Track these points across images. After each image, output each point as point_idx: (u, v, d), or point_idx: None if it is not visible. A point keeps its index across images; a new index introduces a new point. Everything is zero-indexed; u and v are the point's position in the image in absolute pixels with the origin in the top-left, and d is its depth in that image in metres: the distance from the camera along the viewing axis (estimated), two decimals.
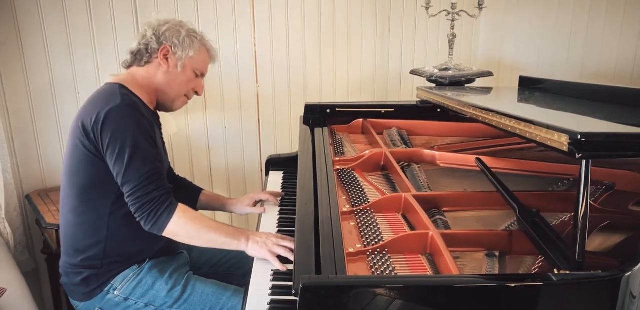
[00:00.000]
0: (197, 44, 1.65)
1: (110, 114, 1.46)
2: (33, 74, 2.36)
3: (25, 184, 2.42)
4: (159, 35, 1.61)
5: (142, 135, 1.48)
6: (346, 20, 2.86)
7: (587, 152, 1.01)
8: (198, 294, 1.60)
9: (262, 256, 1.49)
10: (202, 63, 1.70)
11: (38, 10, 2.31)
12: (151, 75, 1.64)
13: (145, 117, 1.52)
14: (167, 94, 1.67)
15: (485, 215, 1.49)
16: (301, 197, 1.56)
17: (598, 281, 0.99)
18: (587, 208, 1.03)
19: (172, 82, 1.65)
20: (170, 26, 1.63)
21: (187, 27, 1.65)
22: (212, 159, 2.84)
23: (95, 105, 1.51)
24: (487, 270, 1.21)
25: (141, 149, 1.47)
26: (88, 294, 1.60)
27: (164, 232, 1.48)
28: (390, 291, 0.98)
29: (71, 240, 1.61)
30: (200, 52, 1.67)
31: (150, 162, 1.48)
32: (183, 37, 1.62)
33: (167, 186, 1.51)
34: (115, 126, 1.46)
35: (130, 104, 1.50)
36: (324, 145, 1.94)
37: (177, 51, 1.62)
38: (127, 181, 1.46)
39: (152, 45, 1.62)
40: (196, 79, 1.71)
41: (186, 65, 1.65)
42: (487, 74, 2.62)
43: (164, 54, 1.62)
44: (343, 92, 2.95)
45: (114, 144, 1.45)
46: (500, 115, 1.38)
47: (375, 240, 1.31)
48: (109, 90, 1.56)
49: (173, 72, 1.64)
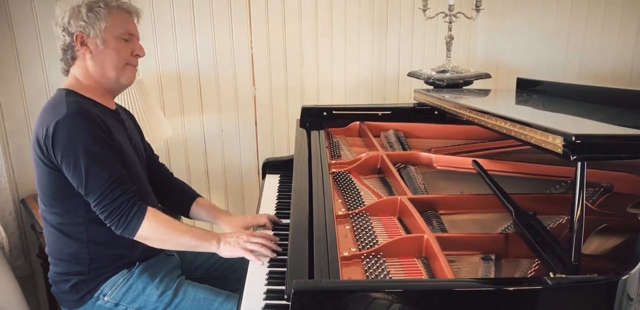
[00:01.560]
0: (103, 12, 1.54)
1: (58, 127, 1.43)
2: (28, 77, 2.35)
3: (20, 188, 2.41)
4: (67, 28, 1.54)
5: (94, 143, 1.44)
6: (343, 23, 2.85)
7: (581, 154, 0.99)
8: (189, 300, 1.58)
9: (236, 255, 1.50)
10: (121, 26, 1.58)
11: (32, 13, 2.31)
12: (84, 67, 1.57)
13: (96, 122, 1.47)
14: (107, 75, 1.58)
15: (481, 218, 1.48)
16: (296, 200, 1.55)
17: (594, 285, 0.98)
18: (583, 211, 1.01)
19: (103, 62, 1.56)
20: (69, 13, 1.53)
21: (86, 1, 1.54)
22: (208, 162, 2.82)
23: (45, 118, 1.48)
24: (483, 273, 1.19)
25: (96, 156, 1.44)
26: (78, 301, 1.58)
27: (136, 236, 1.47)
28: (384, 295, 0.97)
29: (54, 249, 1.60)
30: (112, 17, 1.55)
31: (108, 167, 1.46)
32: (84, 14, 1.52)
33: (133, 189, 1.49)
34: (64, 140, 1.43)
35: (77, 112, 1.46)
36: (320, 148, 1.93)
37: (89, 32, 1.53)
38: (90, 191, 1.45)
39: (67, 41, 1.55)
40: (127, 44, 1.60)
41: (106, 39, 1.55)
42: (485, 76, 2.61)
43: (80, 42, 1.54)
44: (340, 95, 2.94)
45: (67, 158, 1.43)
46: (495, 117, 1.37)
47: (370, 243, 1.30)
48: (56, 99, 1.53)
49: (99, 53, 1.55)
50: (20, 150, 2.39)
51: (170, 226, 1.50)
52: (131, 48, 1.61)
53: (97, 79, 1.59)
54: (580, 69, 2.86)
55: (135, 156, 1.67)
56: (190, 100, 2.71)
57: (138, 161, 1.68)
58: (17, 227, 2.34)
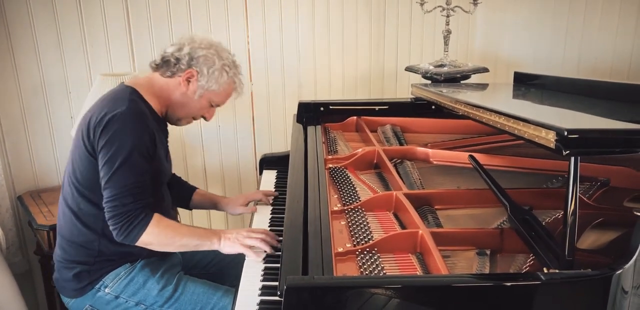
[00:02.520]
0: (225, 78, 1.62)
1: (113, 119, 1.47)
2: (24, 74, 2.34)
3: (17, 185, 2.40)
4: (192, 57, 1.59)
5: (137, 148, 1.47)
6: (340, 17, 2.83)
7: (574, 148, 0.99)
8: (189, 294, 1.60)
9: (236, 251, 1.52)
10: (222, 97, 1.68)
11: (28, 10, 2.29)
12: (169, 89, 1.63)
13: (148, 128, 1.52)
14: (176, 112, 1.67)
15: (478, 213, 1.47)
16: (291, 196, 1.55)
17: (588, 280, 0.97)
18: (577, 205, 1.01)
19: (185, 104, 1.65)
20: (208, 53, 1.60)
21: (225, 60, 1.62)
22: (206, 157, 2.82)
23: (104, 106, 1.52)
24: (478, 269, 1.19)
25: (132, 161, 1.46)
26: (79, 291, 1.59)
27: (137, 243, 1.49)
28: (377, 292, 0.97)
29: (67, 233, 1.61)
30: (225, 86, 1.65)
31: (136, 175, 1.47)
32: (214, 69, 1.60)
33: (146, 200, 1.50)
34: (114, 132, 1.46)
35: (136, 113, 1.50)
36: (317, 143, 1.92)
37: (201, 79, 1.60)
38: (108, 187, 1.47)
39: (181, 63, 1.60)
40: (210, 108, 1.70)
41: (204, 95, 1.63)
42: (483, 70, 2.60)
43: (187, 77, 1.60)
44: (338, 90, 2.93)
45: (108, 149, 1.46)
46: (490, 111, 1.36)
47: (365, 239, 1.30)
48: (120, 93, 1.56)
49: (189, 97, 1.63)
50: (16, 147, 2.38)
51: (171, 230, 1.52)
52: (209, 112, 1.71)
53: (168, 104, 1.65)
54: (579, 63, 2.85)
55: (168, 168, 1.71)
56: None
57: (167, 173, 1.72)
58: (14, 224, 2.35)
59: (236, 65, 1.67)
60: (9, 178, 2.37)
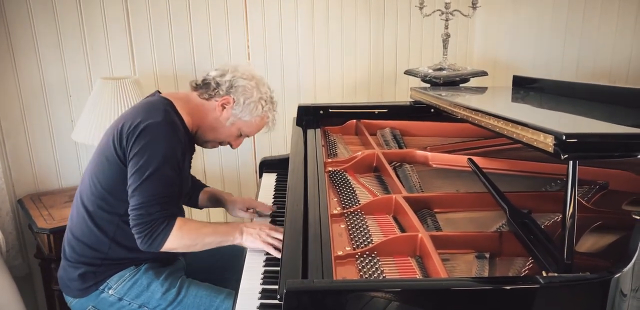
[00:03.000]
0: (259, 111, 1.65)
1: (148, 128, 1.48)
2: (24, 76, 2.35)
3: (18, 189, 2.40)
4: (232, 85, 1.63)
5: (168, 160, 1.49)
6: (340, 21, 2.85)
7: (572, 152, 0.99)
8: (192, 296, 1.61)
9: (257, 247, 1.54)
10: (252, 129, 1.71)
11: (28, 12, 2.30)
12: (203, 110, 1.66)
13: (180, 142, 1.54)
14: (206, 134, 1.69)
15: (477, 216, 1.48)
16: (291, 199, 1.55)
17: (586, 283, 0.98)
18: (575, 209, 1.01)
19: (215, 129, 1.68)
20: (248, 85, 1.63)
21: (263, 94, 1.66)
22: (205, 160, 2.82)
23: (139, 113, 1.54)
24: (477, 272, 1.19)
25: (162, 172, 1.48)
26: (83, 291, 1.60)
27: (161, 250, 1.50)
28: (376, 295, 0.97)
29: (77, 232, 1.62)
30: (258, 119, 1.68)
31: (165, 186, 1.49)
32: (251, 100, 1.63)
33: (172, 211, 1.51)
34: (147, 141, 1.48)
35: (170, 123, 1.52)
36: (317, 146, 1.93)
37: (236, 108, 1.63)
38: (136, 195, 1.47)
39: (220, 89, 1.64)
40: (238, 137, 1.73)
41: (235, 124, 1.66)
42: (482, 74, 2.61)
43: (223, 103, 1.63)
44: (337, 93, 2.94)
45: (139, 157, 1.47)
46: (488, 115, 1.37)
47: (365, 242, 1.30)
48: (157, 103, 1.58)
49: (221, 122, 1.66)
50: (17, 150, 2.39)
51: (194, 232, 1.53)
52: (236, 140, 1.75)
53: (199, 125, 1.68)
54: (578, 67, 2.86)
55: (188, 180, 1.74)
56: None
57: (185, 187, 1.72)
58: (14, 228, 2.34)
59: (273, 102, 1.72)
60: (9, 181, 2.37)
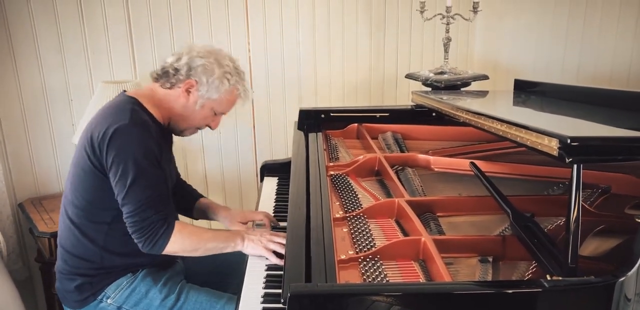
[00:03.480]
0: (225, 86, 1.58)
1: (117, 133, 1.44)
2: (25, 80, 2.35)
3: (18, 192, 2.40)
4: (190, 67, 1.56)
5: (146, 159, 1.46)
6: (341, 25, 2.85)
7: (577, 156, 0.99)
8: (192, 302, 1.59)
9: (258, 253, 1.52)
10: (225, 105, 1.65)
11: (29, 17, 2.30)
12: (170, 101, 1.60)
13: (153, 137, 1.50)
14: (179, 123, 1.65)
15: (479, 220, 1.48)
16: (293, 203, 1.55)
17: (591, 287, 0.98)
18: (579, 213, 1.01)
19: (187, 116, 1.62)
20: (206, 62, 1.56)
21: (225, 68, 1.58)
22: (207, 164, 2.82)
23: (105, 119, 1.50)
24: (480, 276, 1.19)
25: (144, 173, 1.45)
26: (81, 302, 1.59)
27: (163, 252, 1.49)
28: (380, 299, 0.97)
29: (67, 245, 1.60)
30: (227, 94, 1.61)
31: (152, 187, 1.47)
32: (214, 78, 1.56)
33: (167, 210, 1.50)
34: (120, 146, 1.44)
35: (139, 124, 1.48)
36: (318, 150, 1.93)
37: (201, 89, 1.57)
38: (126, 203, 1.46)
39: (180, 74, 1.57)
40: (214, 116, 1.67)
41: (205, 105, 1.60)
42: (483, 77, 2.61)
43: (186, 88, 1.58)
44: (338, 97, 2.94)
45: (118, 165, 1.44)
46: (492, 119, 1.37)
47: (368, 246, 1.30)
48: (121, 105, 1.54)
49: (191, 108, 1.60)
50: (17, 153, 2.39)
51: (196, 236, 1.52)
52: (213, 120, 1.68)
53: (170, 116, 1.63)
54: (578, 71, 2.86)
55: (171, 176, 1.69)
56: None
57: (171, 181, 1.70)
58: (14, 231, 2.34)
59: (239, 72, 1.64)
60: (10, 185, 2.37)
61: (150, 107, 1.58)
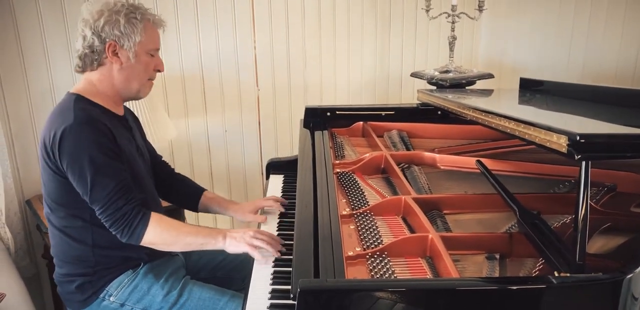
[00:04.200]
0: (139, 25, 1.52)
1: (65, 135, 1.43)
2: (33, 78, 2.36)
3: (26, 189, 2.42)
4: (98, 32, 1.50)
5: (99, 152, 1.44)
6: (346, 23, 2.86)
7: (586, 153, 1.00)
8: (195, 299, 1.59)
9: (241, 250, 1.51)
10: (152, 41, 1.58)
11: (37, 15, 2.32)
12: (107, 77, 1.56)
13: (102, 131, 1.47)
14: (130, 87, 1.59)
15: (485, 217, 1.48)
16: (300, 200, 1.56)
17: (599, 284, 0.98)
18: (587, 210, 1.02)
19: (130, 75, 1.56)
20: (106, 18, 1.49)
21: (124, 10, 1.51)
22: (212, 162, 2.83)
23: (52, 123, 1.48)
24: (488, 273, 1.20)
25: (101, 166, 1.44)
26: (83, 302, 1.59)
27: (142, 242, 1.49)
28: (389, 295, 0.98)
29: (58, 251, 1.61)
30: (146, 31, 1.54)
31: (114, 177, 1.46)
32: (123, 24, 1.50)
33: (137, 197, 1.49)
34: (70, 148, 1.43)
35: (84, 121, 1.45)
36: (324, 148, 1.93)
37: (123, 43, 1.51)
38: (94, 200, 1.46)
39: (96, 46, 1.51)
40: (152, 59, 1.60)
41: (138, 53, 1.54)
42: (488, 76, 2.62)
43: (112, 51, 1.52)
44: (344, 95, 2.95)
45: (73, 166, 1.44)
46: (499, 116, 1.37)
47: (375, 243, 1.31)
48: (65, 105, 1.51)
49: (128, 65, 1.55)
50: (25, 151, 2.40)
51: (174, 229, 1.51)
52: (155, 62, 1.62)
53: (118, 88, 1.59)
54: (584, 69, 2.86)
55: (142, 162, 1.67)
56: (194, 101, 2.72)
57: (144, 167, 1.68)
58: (22, 228, 2.36)
59: (136, 7, 1.55)
60: (18, 182, 2.39)
61: (95, 98, 1.55)
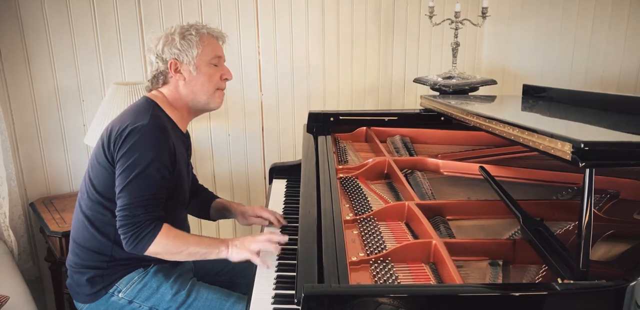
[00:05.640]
0: (195, 39, 1.61)
1: (134, 132, 1.49)
2: (38, 81, 2.38)
3: (30, 192, 2.43)
4: (160, 55, 1.61)
5: (155, 161, 1.49)
6: (350, 29, 2.87)
7: (590, 160, 1.00)
8: (202, 299, 1.61)
9: (244, 257, 1.52)
10: (212, 52, 1.65)
11: (43, 19, 2.33)
12: (175, 91, 1.65)
13: (168, 143, 1.53)
14: (199, 99, 1.66)
15: (488, 223, 1.48)
16: (304, 205, 1.56)
17: (602, 291, 0.99)
18: (591, 217, 1.02)
19: (195, 88, 1.64)
20: (163, 40, 1.61)
21: (179, 30, 1.61)
22: (215, 166, 2.84)
23: (126, 118, 1.55)
24: (491, 279, 1.20)
25: (149, 173, 1.48)
26: (93, 295, 1.61)
27: (145, 253, 1.50)
28: (393, 300, 0.98)
29: (80, 239, 1.62)
30: (203, 43, 1.62)
31: (152, 188, 1.49)
32: (178, 42, 1.60)
33: (157, 213, 1.51)
34: (133, 144, 1.48)
35: (157, 127, 1.52)
36: (328, 153, 1.94)
37: (183, 58, 1.60)
38: (122, 196, 1.48)
39: (161, 68, 1.63)
40: (216, 69, 1.67)
41: (198, 65, 1.62)
42: (491, 82, 2.63)
43: (174, 69, 1.62)
44: (346, 100, 2.96)
45: (126, 158, 1.48)
46: (503, 123, 1.38)
47: (378, 248, 1.31)
48: (143, 106, 1.59)
49: (192, 79, 1.63)
50: (29, 154, 2.41)
51: (179, 240, 1.52)
52: (220, 72, 1.68)
53: (187, 102, 1.66)
54: (586, 76, 2.87)
55: (187, 182, 1.71)
56: None
57: (187, 187, 1.72)
58: (26, 231, 2.36)
59: (191, 25, 1.64)
60: (22, 184, 2.40)
61: (168, 110, 1.63)
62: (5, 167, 2.19)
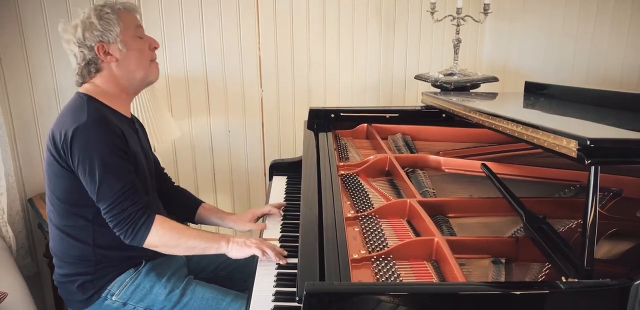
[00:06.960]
0: (113, 17, 1.55)
1: (77, 133, 1.45)
2: (37, 77, 2.36)
3: (28, 188, 2.41)
4: (83, 43, 1.54)
5: (110, 152, 1.46)
6: (351, 25, 2.85)
7: (596, 158, 0.99)
8: (198, 299, 1.60)
9: (245, 255, 1.53)
10: (132, 24, 1.59)
11: (42, 14, 2.31)
12: (109, 77, 1.58)
13: (114, 131, 1.49)
14: (136, 77, 1.60)
15: (491, 221, 1.48)
16: (305, 202, 1.55)
17: (607, 289, 0.98)
18: (596, 215, 1.01)
19: (130, 66, 1.58)
20: (82, 27, 1.54)
21: (92, 12, 1.54)
22: (215, 163, 2.83)
23: (65, 121, 1.50)
24: (493, 277, 1.19)
25: (111, 165, 1.45)
26: (85, 301, 1.59)
27: (144, 244, 1.49)
28: (395, 298, 0.97)
29: (58, 251, 1.61)
30: (122, 19, 1.56)
31: (122, 177, 1.47)
32: (98, 24, 1.53)
33: (143, 200, 1.50)
34: (82, 145, 1.45)
35: (97, 120, 1.48)
36: (328, 150, 1.93)
37: (108, 39, 1.54)
38: (101, 199, 1.47)
39: (88, 56, 1.55)
40: (143, 41, 1.62)
41: (125, 41, 1.56)
42: (492, 79, 2.62)
43: (103, 52, 1.55)
44: (347, 97, 2.94)
45: (84, 163, 1.45)
46: (507, 120, 1.37)
47: (380, 246, 1.30)
48: (77, 104, 1.54)
49: (124, 58, 1.57)
50: (28, 150, 2.40)
51: (177, 232, 1.51)
52: (147, 42, 1.63)
53: (124, 83, 1.60)
54: (588, 73, 2.86)
55: (146, 165, 1.67)
56: (198, 102, 2.72)
57: (148, 170, 1.69)
58: (24, 226, 2.35)
59: (102, 4, 1.58)
60: (20, 180, 2.38)
61: (104, 98, 1.57)
62: (4, 162, 2.18)
